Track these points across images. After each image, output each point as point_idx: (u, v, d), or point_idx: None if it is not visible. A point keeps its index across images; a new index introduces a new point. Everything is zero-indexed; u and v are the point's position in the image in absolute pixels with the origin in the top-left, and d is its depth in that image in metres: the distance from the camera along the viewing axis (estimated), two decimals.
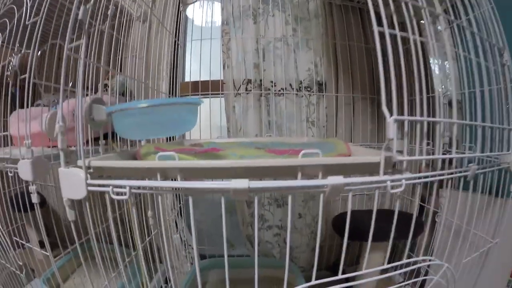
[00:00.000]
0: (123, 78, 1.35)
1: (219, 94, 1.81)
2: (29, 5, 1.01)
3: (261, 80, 1.82)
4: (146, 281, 1.01)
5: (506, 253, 1.10)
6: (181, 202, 1.88)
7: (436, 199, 1.26)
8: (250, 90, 1.79)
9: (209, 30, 1.75)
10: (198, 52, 1.68)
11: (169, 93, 1.67)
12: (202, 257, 1.87)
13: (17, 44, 1.02)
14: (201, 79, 1.70)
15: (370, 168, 0.62)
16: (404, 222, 0.73)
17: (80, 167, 0.62)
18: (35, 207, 0.95)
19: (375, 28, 0.57)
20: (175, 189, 0.73)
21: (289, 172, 0.62)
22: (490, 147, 0.92)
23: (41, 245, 1.46)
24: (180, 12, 1.74)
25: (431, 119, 0.66)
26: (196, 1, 1.68)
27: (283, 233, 1.81)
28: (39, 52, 1.00)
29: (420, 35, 0.69)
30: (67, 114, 1.03)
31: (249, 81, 1.81)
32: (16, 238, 1.43)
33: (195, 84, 1.74)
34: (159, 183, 0.61)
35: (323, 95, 1.85)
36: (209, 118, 1.68)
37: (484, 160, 0.96)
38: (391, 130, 0.57)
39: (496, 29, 1.00)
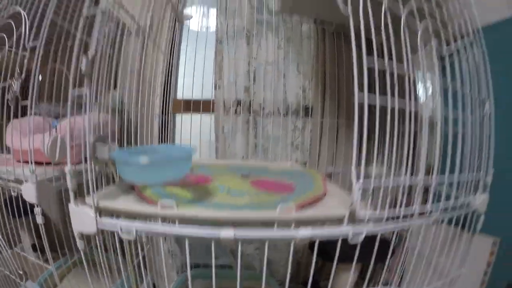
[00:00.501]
0: (118, 94, 1.40)
1: (210, 112, 1.98)
2: (27, 26, 1.09)
3: (250, 102, 1.98)
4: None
5: (469, 283, 1.26)
6: None
7: (397, 251, 1.40)
8: (240, 113, 1.95)
9: (203, 48, 1.87)
10: (191, 69, 1.79)
11: (162, 110, 1.79)
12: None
13: (17, 70, 1.13)
14: (193, 97, 1.81)
15: (337, 219, 0.76)
16: (372, 246, 0.84)
17: (90, 206, 0.74)
18: (40, 228, 1.05)
19: (356, 99, 0.71)
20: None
21: (268, 223, 0.75)
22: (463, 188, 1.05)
23: (34, 248, 1.57)
24: (175, 29, 1.86)
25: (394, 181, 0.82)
26: (191, 18, 1.79)
27: (263, 247, 1.95)
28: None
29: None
30: (67, 135, 1.17)
31: (239, 103, 1.97)
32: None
33: (187, 102, 1.86)
34: (161, 228, 0.73)
35: (309, 120, 2.01)
36: (199, 135, 1.77)
37: (453, 197, 1.08)
38: (355, 194, 0.70)
39: (482, 77, 1.12)
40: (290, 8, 1.67)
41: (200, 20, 1.91)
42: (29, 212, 1.34)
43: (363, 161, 0.72)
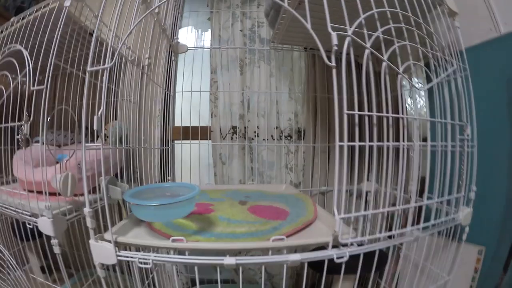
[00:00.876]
0: (119, 125, 1.51)
1: (207, 139, 2.14)
2: (31, 69, 1.20)
3: (245, 128, 2.15)
4: None
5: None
6: None
7: (392, 261, 1.59)
8: (236, 140, 2.13)
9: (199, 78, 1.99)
10: (188, 98, 1.97)
11: (161, 138, 1.95)
12: (192, 282, 2.18)
13: (25, 113, 1.21)
14: (191, 124, 2.02)
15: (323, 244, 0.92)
16: (370, 257, 1.00)
17: (109, 241, 0.89)
18: (58, 258, 1.15)
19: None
20: None
21: (264, 250, 0.92)
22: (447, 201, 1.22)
23: (42, 270, 1.65)
24: (171, 61, 2.00)
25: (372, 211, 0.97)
26: (187, 51, 1.91)
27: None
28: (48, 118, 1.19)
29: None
30: (74, 167, 1.28)
31: (235, 131, 2.14)
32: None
33: (185, 130, 2.04)
34: (174, 258, 0.88)
35: (301, 144, 2.18)
36: (198, 160, 1.94)
37: (440, 211, 1.25)
38: (337, 226, 0.86)
39: (463, 102, 1.27)
40: (281, 37, 1.78)
41: (195, 51, 2.04)
42: (36, 236, 1.49)
43: (343, 198, 0.88)
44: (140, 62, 1.56)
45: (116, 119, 1.51)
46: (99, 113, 0.91)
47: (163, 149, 1.93)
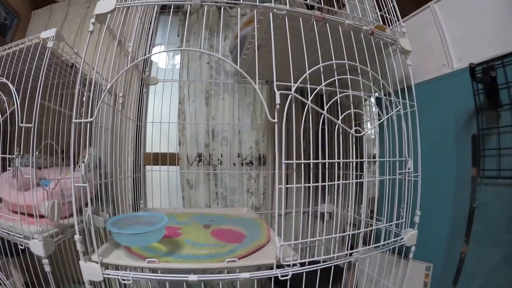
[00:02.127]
0: (95, 151, 1.63)
1: (175, 164, 2.48)
2: (18, 105, 1.45)
3: (210, 156, 2.50)
4: None
5: None
6: None
7: (348, 275, 1.86)
8: (201, 166, 2.49)
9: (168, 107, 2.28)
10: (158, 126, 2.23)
11: (134, 164, 2.24)
12: None
13: (16, 148, 1.46)
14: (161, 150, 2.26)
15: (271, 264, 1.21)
16: (327, 272, 1.34)
17: (96, 262, 1.17)
18: (48, 276, 1.43)
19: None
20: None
21: (221, 270, 1.23)
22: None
23: (26, 286, 1.89)
24: (143, 92, 2.30)
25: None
26: (157, 83, 2.21)
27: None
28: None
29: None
30: (58, 193, 1.54)
31: (200, 159, 2.49)
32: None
33: (155, 156, 2.29)
34: (150, 276, 1.22)
35: (261, 171, 2.52)
36: (167, 185, 2.22)
37: (388, 232, 1.59)
38: (278, 251, 1.16)
39: (405, 138, 1.56)
40: (244, 71, 2.01)
41: (164, 82, 2.33)
42: (20, 253, 1.65)
43: (282, 229, 1.23)
44: (112, 91, 1.81)
45: (90, 145, 1.63)
46: (85, 159, 1.21)
47: (135, 171, 2.19)
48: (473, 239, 1.58)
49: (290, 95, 1.20)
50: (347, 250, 1.45)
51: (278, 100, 1.15)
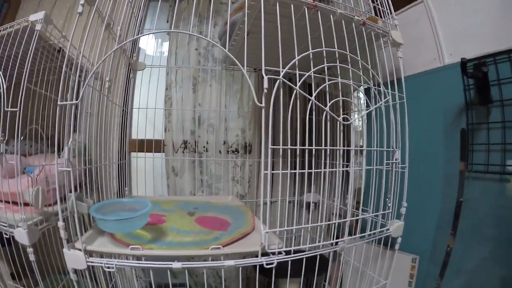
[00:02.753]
0: (80, 138, 1.69)
1: (161, 151, 2.46)
2: (4, 89, 1.43)
3: (196, 143, 2.51)
4: None
5: None
6: None
7: (333, 265, 1.91)
8: (187, 153, 2.50)
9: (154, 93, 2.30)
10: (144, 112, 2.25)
11: (119, 151, 2.20)
12: (151, 286, 2.52)
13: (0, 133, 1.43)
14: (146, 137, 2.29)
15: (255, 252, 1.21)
16: (313, 262, 1.34)
17: (80, 250, 1.16)
18: (33, 265, 1.42)
19: None
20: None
21: (205, 257, 1.22)
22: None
23: (12, 276, 1.85)
24: (130, 78, 2.27)
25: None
26: (144, 69, 2.20)
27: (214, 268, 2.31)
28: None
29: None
30: (43, 180, 1.53)
31: (186, 146, 2.50)
32: None
33: (141, 142, 2.32)
34: (133, 263, 1.20)
35: (247, 159, 2.54)
36: (152, 172, 2.25)
37: (374, 223, 1.59)
38: (263, 238, 1.17)
39: (393, 129, 1.57)
40: (232, 58, 2.03)
41: (152, 67, 2.34)
42: (5, 243, 1.67)
43: (268, 218, 1.22)
44: (99, 76, 1.79)
45: (75, 131, 1.68)
46: (69, 143, 1.21)
47: (120, 158, 2.17)
48: (460, 233, 1.61)
49: (278, 80, 1.20)
50: (333, 239, 1.49)
51: (266, 85, 1.15)
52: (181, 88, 2.56)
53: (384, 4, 1.72)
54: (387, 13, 1.71)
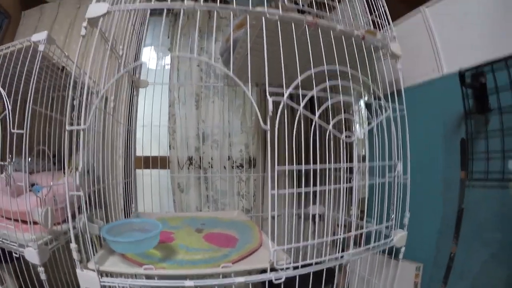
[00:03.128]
0: (86, 156, 1.57)
1: (166, 168, 2.50)
2: (10, 110, 1.45)
3: (200, 159, 2.56)
4: None
5: None
6: None
7: (339, 276, 1.95)
8: (192, 169, 2.54)
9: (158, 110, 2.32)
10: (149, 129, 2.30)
11: (124, 168, 2.22)
12: None
13: (8, 155, 1.49)
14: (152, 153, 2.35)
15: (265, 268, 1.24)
16: (319, 274, 1.37)
17: (93, 270, 1.19)
18: (44, 284, 1.45)
19: None
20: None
21: (216, 275, 1.25)
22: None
23: None
24: (133, 96, 2.29)
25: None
26: (147, 86, 2.24)
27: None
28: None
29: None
30: (51, 200, 1.56)
31: (191, 162, 2.55)
32: None
33: (146, 159, 2.36)
34: (146, 282, 1.22)
35: (251, 174, 2.58)
36: (158, 188, 2.28)
37: (378, 233, 1.61)
38: (272, 256, 1.21)
39: (394, 143, 1.59)
40: (235, 74, 2.01)
41: (155, 84, 2.35)
42: (14, 259, 1.69)
43: (275, 236, 1.25)
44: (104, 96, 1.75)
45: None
46: (79, 168, 1.25)
47: (126, 175, 2.19)
48: (462, 239, 1.64)
49: (282, 103, 1.23)
50: (338, 251, 1.49)
51: (270, 107, 1.18)
52: (184, 105, 2.62)
53: (382, 16, 1.75)
54: (385, 24, 1.75)
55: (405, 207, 1.63)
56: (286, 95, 1.23)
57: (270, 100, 1.19)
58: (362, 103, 1.57)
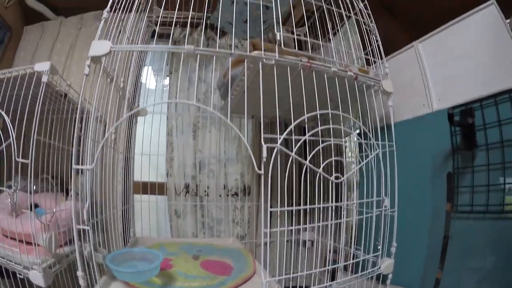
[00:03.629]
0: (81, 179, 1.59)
1: (164, 194, 2.63)
2: (14, 137, 1.47)
3: (197, 187, 2.66)
4: None
5: None
6: None
7: None
8: (188, 197, 2.65)
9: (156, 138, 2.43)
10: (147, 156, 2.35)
11: (123, 194, 2.33)
12: None
13: (13, 183, 1.54)
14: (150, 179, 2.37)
15: None
16: None
17: None
18: None
19: None
20: None
21: None
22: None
23: None
24: (132, 122, 2.39)
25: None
26: (147, 115, 2.33)
27: None
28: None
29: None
30: (54, 224, 1.61)
31: (187, 190, 2.66)
32: None
33: (144, 185, 2.41)
34: None
35: (247, 200, 2.68)
36: (156, 213, 2.39)
37: (367, 260, 1.70)
38: (264, 287, 1.29)
39: (382, 179, 1.69)
40: (232, 108, 2.03)
41: (153, 113, 2.42)
42: (16, 275, 1.64)
43: (268, 268, 1.35)
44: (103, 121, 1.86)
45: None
46: (84, 210, 1.35)
47: (124, 208, 2.26)
48: (447, 265, 1.72)
49: (276, 148, 1.32)
50: (327, 280, 1.61)
51: (265, 154, 1.27)
52: (182, 134, 2.73)
53: (376, 54, 1.85)
54: (378, 58, 1.84)
55: (392, 237, 1.72)
56: (279, 141, 1.33)
57: (264, 146, 1.27)
58: (352, 144, 1.64)
